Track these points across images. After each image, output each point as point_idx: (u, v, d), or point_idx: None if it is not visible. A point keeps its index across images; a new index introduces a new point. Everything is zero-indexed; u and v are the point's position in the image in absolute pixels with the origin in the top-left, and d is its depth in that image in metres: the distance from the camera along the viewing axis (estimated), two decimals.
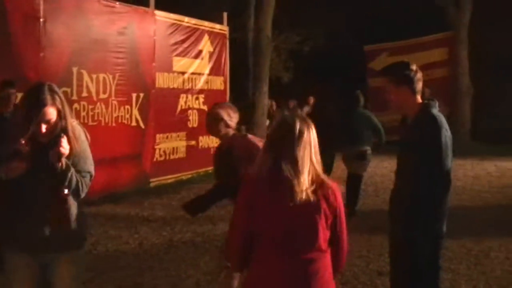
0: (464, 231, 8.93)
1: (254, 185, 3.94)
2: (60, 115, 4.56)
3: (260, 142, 6.08)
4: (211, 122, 6.16)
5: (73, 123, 4.77)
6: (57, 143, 4.43)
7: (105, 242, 9.97)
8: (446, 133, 5.01)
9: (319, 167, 3.86)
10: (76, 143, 4.70)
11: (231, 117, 6.13)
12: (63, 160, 4.52)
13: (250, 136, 6.35)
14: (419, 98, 5.19)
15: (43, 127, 4.44)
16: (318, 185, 3.81)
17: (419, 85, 5.16)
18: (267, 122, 20.40)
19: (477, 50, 25.14)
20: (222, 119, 6.07)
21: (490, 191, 14.64)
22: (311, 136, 3.84)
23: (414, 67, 5.18)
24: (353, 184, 11.66)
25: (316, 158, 3.86)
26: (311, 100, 19.55)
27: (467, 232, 9.62)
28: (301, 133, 3.80)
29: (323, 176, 3.88)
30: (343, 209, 3.94)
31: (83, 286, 7.39)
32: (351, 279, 7.82)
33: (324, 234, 3.83)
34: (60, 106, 4.57)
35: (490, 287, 7.49)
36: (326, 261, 3.91)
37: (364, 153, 11.80)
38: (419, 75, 5.17)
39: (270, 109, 20.85)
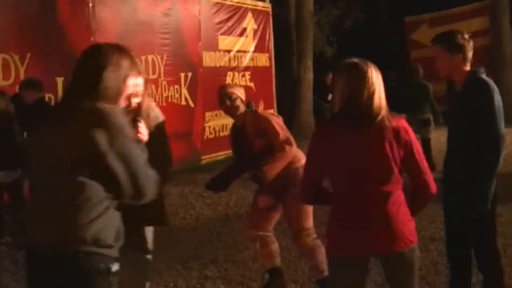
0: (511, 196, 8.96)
1: (327, 126, 4.17)
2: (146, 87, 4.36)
3: (271, 115, 6.36)
4: (232, 103, 6.30)
5: (151, 103, 4.70)
6: (134, 128, 4.01)
7: None
8: (498, 97, 5.09)
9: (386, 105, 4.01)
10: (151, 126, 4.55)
11: (243, 94, 6.32)
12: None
13: (259, 111, 6.54)
14: (468, 66, 5.27)
15: (133, 101, 3.96)
16: (388, 120, 3.95)
17: (471, 54, 5.23)
18: (329, 95, 20.50)
19: None
20: (238, 98, 6.24)
21: None
22: (376, 74, 4.00)
23: (466, 35, 5.26)
24: (424, 148, 12.01)
25: (383, 96, 3.99)
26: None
27: None
28: (366, 72, 3.97)
29: (392, 113, 4.02)
30: (416, 141, 4.08)
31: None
32: None
33: (397, 166, 3.97)
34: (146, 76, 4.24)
35: None
36: (400, 193, 4.05)
37: (428, 120, 13.10)
38: (471, 43, 5.24)
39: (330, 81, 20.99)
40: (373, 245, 3.97)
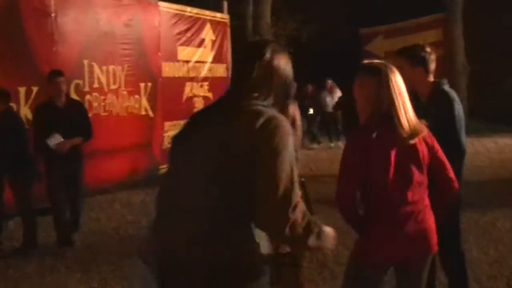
0: (469, 204, 9.28)
1: (360, 137, 4.13)
2: None
3: None
4: None
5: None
6: None
7: (125, 227, 10.35)
8: (458, 106, 5.38)
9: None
10: None
11: None
12: None
13: None
14: (431, 78, 5.54)
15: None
16: (417, 129, 4.09)
17: (433, 66, 5.50)
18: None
19: (471, 29, 25.45)
20: None
21: (491, 166, 15.09)
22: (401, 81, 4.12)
23: (428, 49, 5.52)
24: None
25: (408, 103, 4.12)
26: (328, 83, 21.54)
27: (472, 204, 9.96)
28: (391, 80, 4.08)
29: (418, 120, 4.17)
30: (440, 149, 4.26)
31: (113, 267, 7.86)
32: None
33: (426, 174, 4.13)
34: None
35: (500, 252, 7.90)
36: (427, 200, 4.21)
37: None
38: (433, 56, 5.51)
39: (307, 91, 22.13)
40: (410, 249, 4.08)
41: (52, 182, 8.93)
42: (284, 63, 3.37)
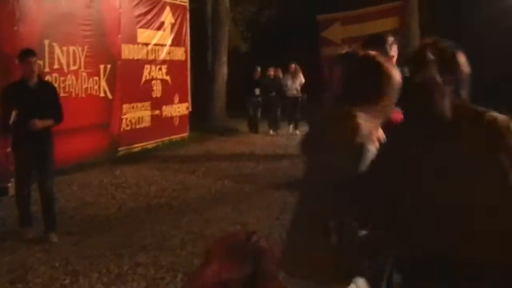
0: None
1: None
2: None
3: None
4: None
5: None
6: None
7: (84, 208, 10.36)
8: None
9: None
10: None
11: None
12: None
13: None
14: None
15: None
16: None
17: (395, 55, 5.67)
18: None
19: (427, 18, 25.77)
20: None
21: None
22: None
23: (391, 38, 5.67)
24: None
25: None
26: (292, 67, 21.56)
27: None
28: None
29: None
30: None
31: (74, 247, 7.92)
32: None
33: None
34: None
35: None
36: None
37: None
38: (395, 46, 5.67)
39: (275, 74, 22.10)
40: None
41: (19, 163, 8.86)
42: None
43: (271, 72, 21.99)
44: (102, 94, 14.63)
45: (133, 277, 6.85)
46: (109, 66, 14.84)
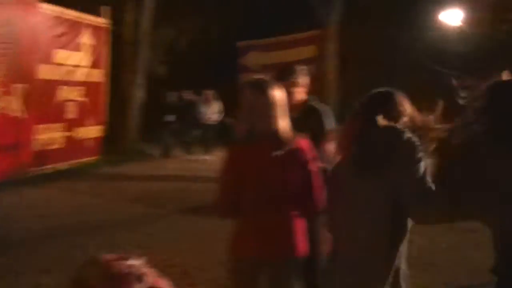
0: None
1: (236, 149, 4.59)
2: None
3: None
4: None
5: None
6: None
7: None
8: (329, 120, 5.88)
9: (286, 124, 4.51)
10: None
11: None
12: None
13: None
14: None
15: None
16: (287, 140, 4.44)
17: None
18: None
19: (345, 47, 26.27)
20: None
21: None
22: (278, 96, 4.52)
23: (303, 68, 5.98)
24: None
25: (284, 115, 4.51)
26: (208, 95, 21.85)
27: None
28: (271, 95, 4.49)
29: (291, 133, 4.52)
30: (312, 163, 4.54)
31: None
32: None
33: (294, 186, 4.46)
34: None
35: None
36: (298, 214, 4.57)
37: None
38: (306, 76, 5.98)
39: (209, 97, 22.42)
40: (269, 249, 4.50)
41: None
42: None
43: (188, 96, 22.20)
44: (16, 114, 14.51)
45: None
46: (24, 85, 14.73)
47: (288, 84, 5.78)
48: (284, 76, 5.87)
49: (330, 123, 5.88)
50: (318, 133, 5.73)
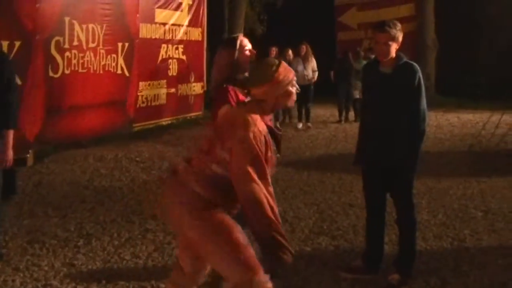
0: (426, 172, 9.86)
1: None
2: None
3: None
4: None
5: None
6: None
7: (99, 179, 10.85)
8: (421, 77, 6.01)
9: None
10: None
11: None
12: None
13: None
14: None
15: None
16: None
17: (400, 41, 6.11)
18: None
19: (443, 5, 25.98)
20: None
21: (451, 139, 15.76)
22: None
23: (399, 25, 6.10)
24: None
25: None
26: (303, 48, 18.73)
27: (429, 172, 10.59)
28: None
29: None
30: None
31: (88, 213, 8.41)
32: (326, 210, 8.82)
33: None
34: None
35: (448, 217, 8.52)
36: None
37: None
38: (401, 32, 6.11)
39: (287, 57, 18.41)
40: None
41: None
42: None
43: (288, 52, 18.88)
44: (119, 72, 15.08)
45: (142, 241, 7.32)
46: (127, 44, 15.26)
47: (384, 36, 5.97)
48: (380, 27, 6.06)
49: (420, 80, 6.01)
50: (413, 89, 5.93)
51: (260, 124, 4.19)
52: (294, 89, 4.38)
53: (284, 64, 4.36)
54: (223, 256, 4.15)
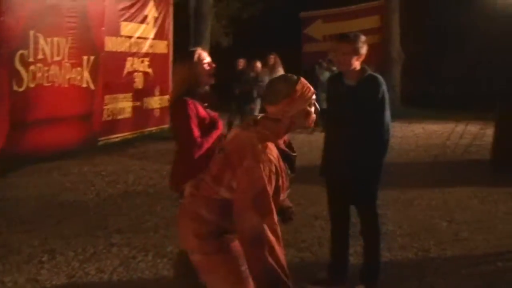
0: (391, 183, 9.93)
1: None
2: None
3: None
4: None
5: None
6: None
7: (64, 193, 10.75)
8: (385, 89, 6.04)
9: None
10: None
11: None
12: None
13: None
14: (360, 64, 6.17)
15: None
16: None
17: (364, 53, 6.13)
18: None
19: (408, 17, 26.22)
20: None
21: (416, 150, 15.87)
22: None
23: (363, 38, 6.13)
24: None
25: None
26: (271, 59, 18.86)
27: (394, 183, 10.66)
28: None
29: None
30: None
31: (53, 228, 8.35)
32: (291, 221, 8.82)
33: None
34: None
35: (413, 227, 8.58)
36: None
37: None
38: (366, 45, 6.14)
39: (255, 69, 18.17)
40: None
41: None
42: None
43: (256, 64, 18.48)
44: (84, 85, 15.01)
45: (107, 256, 7.28)
46: (92, 57, 15.21)
47: (344, 46, 6.02)
48: (341, 38, 6.11)
49: (384, 92, 6.05)
50: (377, 101, 5.97)
51: (271, 151, 3.88)
52: (313, 109, 4.09)
53: (303, 80, 4.06)
54: None
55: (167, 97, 19.07)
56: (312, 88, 4.07)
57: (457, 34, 26.66)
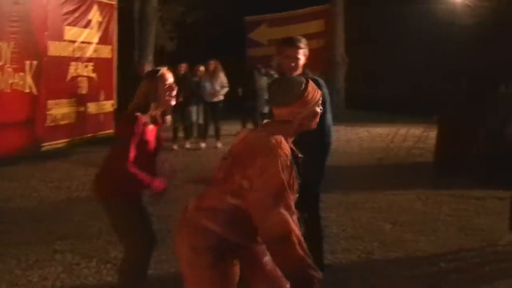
0: (335, 185, 10.05)
1: None
2: None
3: None
4: None
5: None
6: None
7: (7, 200, 10.64)
8: (326, 92, 6.09)
9: None
10: None
11: None
12: None
13: None
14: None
15: None
16: None
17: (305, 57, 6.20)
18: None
19: (351, 22, 26.47)
20: None
21: (360, 153, 16.04)
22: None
23: (304, 42, 6.19)
24: None
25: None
26: (211, 65, 17.67)
27: (338, 186, 10.78)
28: None
29: None
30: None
31: (2, 236, 8.25)
32: None
33: None
34: None
35: (356, 229, 8.67)
36: None
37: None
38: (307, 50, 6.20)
39: (198, 73, 17.62)
40: None
41: None
42: None
43: (199, 68, 17.79)
44: (27, 90, 14.86)
45: (50, 263, 7.21)
46: (35, 62, 15.06)
47: (296, 51, 6.07)
48: (290, 42, 6.15)
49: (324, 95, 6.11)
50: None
51: (285, 147, 3.85)
52: (319, 110, 4.12)
53: (312, 83, 4.06)
54: None
55: (111, 102, 18.99)
56: (319, 90, 4.12)
57: (400, 38, 27.02)
